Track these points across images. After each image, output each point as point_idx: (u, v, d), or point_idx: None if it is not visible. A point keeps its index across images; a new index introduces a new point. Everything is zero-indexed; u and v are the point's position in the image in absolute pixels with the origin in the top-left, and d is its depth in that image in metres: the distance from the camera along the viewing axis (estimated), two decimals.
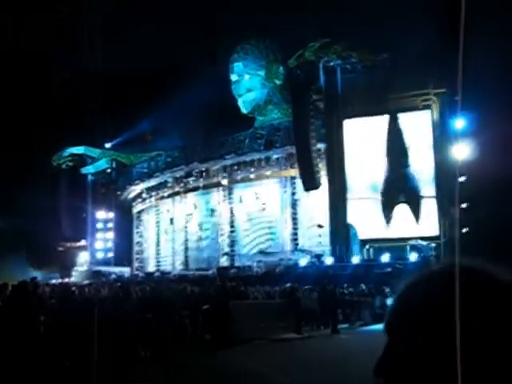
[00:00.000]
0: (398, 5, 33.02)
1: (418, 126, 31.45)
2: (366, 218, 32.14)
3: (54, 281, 36.18)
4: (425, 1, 31.41)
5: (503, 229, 24.38)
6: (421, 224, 31.07)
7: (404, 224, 31.00)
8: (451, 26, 28.62)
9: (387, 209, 31.15)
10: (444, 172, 30.33)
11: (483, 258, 0.95)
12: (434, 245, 29.75)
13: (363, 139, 32.18)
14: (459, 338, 0.79)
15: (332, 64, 33.42)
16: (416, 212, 30.47)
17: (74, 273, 41.98)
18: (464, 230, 28.91)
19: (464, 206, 30.21)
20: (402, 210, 31.12)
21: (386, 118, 31.82)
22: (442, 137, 30.92)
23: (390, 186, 30.75)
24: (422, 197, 30.54)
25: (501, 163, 25.43)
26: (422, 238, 30.35)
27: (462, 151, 30.53)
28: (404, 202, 30.74)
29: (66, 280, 38.97)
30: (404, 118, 31.59)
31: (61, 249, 46.51)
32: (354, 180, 32.61)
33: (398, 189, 30.59)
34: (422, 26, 28.87)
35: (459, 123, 30.62)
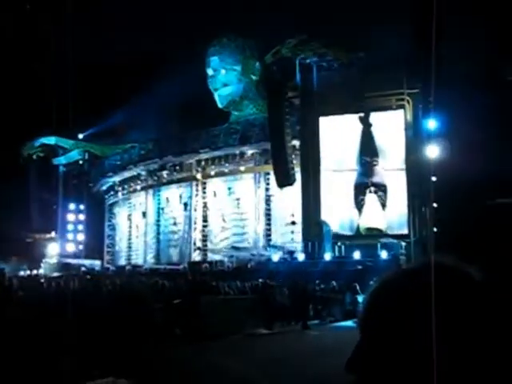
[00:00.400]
0: (374, 4, 33.33)
1: (391, 125, 31.79)
2: (339, 215, 32.42)
3: (22, 273, 35.68)
4: (400, 2, 31.68)
5: (471, 229, 24.81)
6: (392, 223, 31.46)
7: (374, 219, 31.45)
8: (424, 28, 28.99)
9: (358, 197, 31.58)
10: (415, 172, 30.76)
11: (453, 256, 0.97)
12: (404, 243, 30.15)
13: (338, 136, 32.45)
14: (435, 334, 0.80)
15: (308, 61, 33.52)
16: (383, 200, 30.94)
17: (42, 265, 41.39)
18: (434, 230, 29.37)
19: (435, 205, 30.72)
20: (371, 204, 31.53)
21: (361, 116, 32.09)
22: (414, 137, 31.32)
23: (360, 179, 31.25)
24: (386, 189, 31.03)
25: (471, 164, 25.85)
26: (393, 237, 30.74)
27: (433, 152, 31.05)
28: (372, 192, 31.22)
29: (35, 272, 38.45)
30: (377, 117, 31.87)
31: (30, 240, 45.80)
32: (329, 176, 32.80)
33: (367, 183, 31.10)
34: (398, 26, 29.14)
35: (431, 124, 31.09)
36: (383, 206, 31.29)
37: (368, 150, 31.18)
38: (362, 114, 31.51)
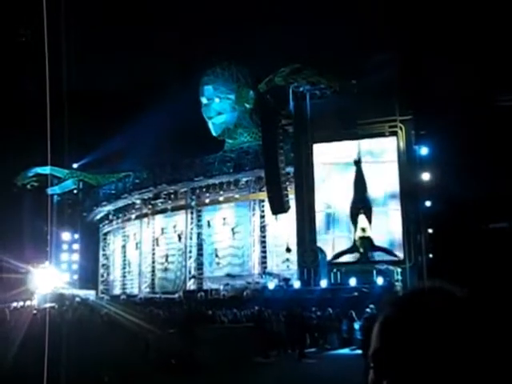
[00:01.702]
0: (365, 33, 33.88)
1: (384, 152, 32.04)
2: (335, 243, 32.42)
3: (15, 304, 35.21)
4: (392, 32, 32.24)
5: (466, 254, 24.84)
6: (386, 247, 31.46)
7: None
8: (414, 57, 29.48)
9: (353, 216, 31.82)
10: (409, 198, 30.88)
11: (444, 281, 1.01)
12: (400, 269, 30.07)
13: (332, 163, 32.70)
14: (432, 356, 0.86)
15: (301, 89, 33.87)
16: (369, 218, 31.02)
17: (36, 295, 40.92)
18: (430, 256, 29.40)
19: (430, 231, 30.83)
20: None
21: (354, 143, 32.30)
22: (407, 163, 31.52)
23: (354, 205, 31.54)
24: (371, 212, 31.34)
25: (463, 189, 26.01)
26: (389, 263, 30.67)
27: (426, 177, 31.27)
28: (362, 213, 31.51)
29: (28, 303, 37.97)
30: (370, 144, 32.10)
31: (23, 270, 45.41)
32: (322, 203, 32.88)
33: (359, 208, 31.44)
34: (389, 53, 29.56)
35: (424, 150, 31.37)
36: (370, 222, 31.56)
37: (360, 194, 31.51)
38: (356, 158, 31.95)
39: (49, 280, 42.30)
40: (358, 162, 31.93)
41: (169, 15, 44.79)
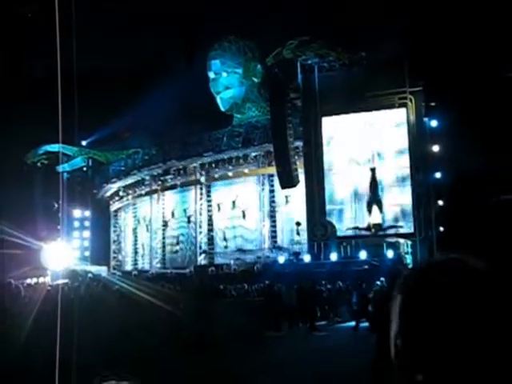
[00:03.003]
0: (374, 4, 33.30)
1: (394, 123, 31.78)
2: (345, 216, 32.43)
3: (28, 280, 35.71)
4: (401, 2, 31.68)
5: (477, 226, 24.73)
6: (398, 222, 31.43)
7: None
8: (425, 30, 28.99)
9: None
10: (419, 170, 30.74)
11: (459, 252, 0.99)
12: (410, 242, 30.08)
13: (341, 137, 32.55)
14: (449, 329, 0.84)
15: (310, 62, 33.52)
16: (381, 208, 31.11)
17: (49, 272, 41.43)
18: (441, 228, 29.33)
19: (440, 203, 30.69)
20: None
21: (363, 115, 32.04)
22: (417, 135, 31.29)
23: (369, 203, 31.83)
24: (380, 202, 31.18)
25: (473, 162, 25.80)
26: (399, 236, 30.68)
27: (436, 149, 31.05)
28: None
29: (42, 279, 38.50)
30: (380, 116, 31.81)
31: (36, 248, 45.88)
32: (333, 178, 32.81)
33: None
34: (399, 25, 29.13)
35: (434, 122, 31.07)
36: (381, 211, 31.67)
37: (375, 195, 31.70)
38: (372, 166, 31.80)
39: (61, 257, 42.68)
40: (373, 169, 31.74)
41: None
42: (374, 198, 31.71)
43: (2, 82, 40.95)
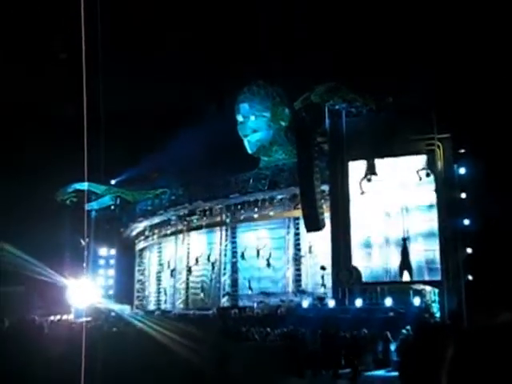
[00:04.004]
0: (402, 50, 33.68)
1: (421, 170, 31.57)
2: (370, 262, 31.98)
3: (52, 317, 35.85)
4: (429, 48, 31.97)
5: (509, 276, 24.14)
6: (424, 269, 30.88)
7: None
8: (453, 77, 29.13)
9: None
10: (447, 217, 30.31)
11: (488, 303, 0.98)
12: (437, 290, 29.47)
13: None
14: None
15: (337, 107, 33.81)
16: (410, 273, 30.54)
17: (72, 309, 41.57)
18: (469, 277, 28.70)
19: (469, 250, 30.12)
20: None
21: (390, 160, 31.94)
22: (445, 182, 31.02)
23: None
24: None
25: (506, 209, 25.41)
26: (426, 283, 30.11)
27: (465, 196, 30.67)
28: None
29: (65, 317, 38.60)
30: (408, 162, 31.64)
31: (61, 285, 46.24)
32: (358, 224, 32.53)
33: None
34: (427, 71, 29.32)
35: (462, 169, 30.79)
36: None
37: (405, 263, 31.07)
38: (405, 236, 31.21)
39: (85, 294, 42.91)
40: (404, 239, 31.23)
41: (203, 37, 45.49)
42: (405, 264, 31.03)
43: (33, 120, 42.22)
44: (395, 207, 31.49)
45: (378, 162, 32.06)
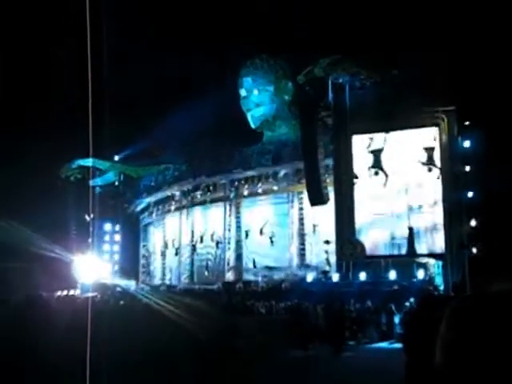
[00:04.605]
0: (408, 22, 33.18)
1: (425, 143, 31.44)
2: (374, 235, 32.05)
3: (59, 293, 36.17)
4: (434, 20, 31.49)
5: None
6: (428, 242, 30.94)
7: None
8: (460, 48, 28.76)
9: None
10: (451, 188, 30.26)
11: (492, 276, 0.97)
12: (440, 263, 29.56)
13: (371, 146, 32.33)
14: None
15: (341, 80, 33.52)
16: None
17: (79, 285, 41.97)
18: (473, 250, 28.73)
19: (473, 223, 30.11)
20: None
21: (394, 134, 31.80)
22: (449, 155, 30.89)
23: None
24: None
25: (508, 181, 25.32)
26: (429, 256, 30.19)
27: (469, 169, 30.55)
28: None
29: (72, 292, 38.95)
30: (411, 135, 31.50)
31: (67, 261, 46.61)
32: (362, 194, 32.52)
33: None
34: (432, 44, 28.95)
35: (467, 142, 30.59)
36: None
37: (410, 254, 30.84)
38: (410, 226, 30.87)
39: (91, 270, 43.29)
40: (411, 228, 30.90)
41: (205, 10, 44.89)
42: (410, 251, 30.89)
43: (37, 96, 42.05)
44: (400, 184, 31.45)
45: (382, 139, 31.93)
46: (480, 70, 28.23)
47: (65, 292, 37.94)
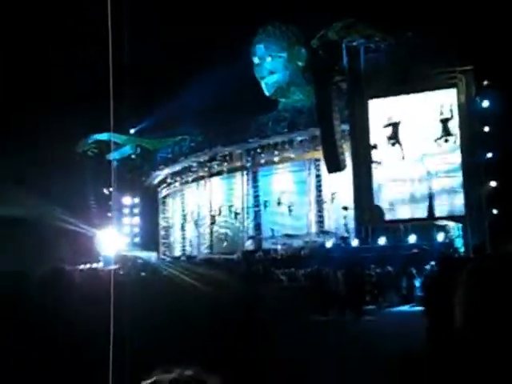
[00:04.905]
0: None
1: (443, 103, 30.91)
2: (392, 198, 31.88)
3: (82, 266, 36.82)
4: None
5: None
6: (447, 204, 30.69)
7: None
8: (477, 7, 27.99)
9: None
10: (470, 150, 29.84)
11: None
12: (460, 225, 29.40)
13: (389, 120, 31.86)
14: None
15: (355, 44, 32.94)
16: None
17: (101, 258, 42.63)
18: (494, 211, 28.45)
19: (493, 184, 29.78)
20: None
21: (410, 97, 31.29)
22: (468, 115, 30.38)
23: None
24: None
25: None
26: (449, 218, 30.02)
27: (488, 129, 30.06)
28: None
29: (95, 265, 39.64)
30: (429, 97, 30.96)
31: (89, 234, 47.27)
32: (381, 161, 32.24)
33: None
34: (447, 3, 28.23)
35: (486, 102, 30.02)
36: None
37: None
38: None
39: (112, 243, 43.88)
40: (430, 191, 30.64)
41: None
42: (430, 214, 30.46)
43: (52, 73, 42.06)
44: (417, 154, 31.05)
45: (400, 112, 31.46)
46: (496, 28, 27.50)
47: (88, 265, 38.61)
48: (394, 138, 31.71)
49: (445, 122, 30.62)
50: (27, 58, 40.22)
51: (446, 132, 30.54)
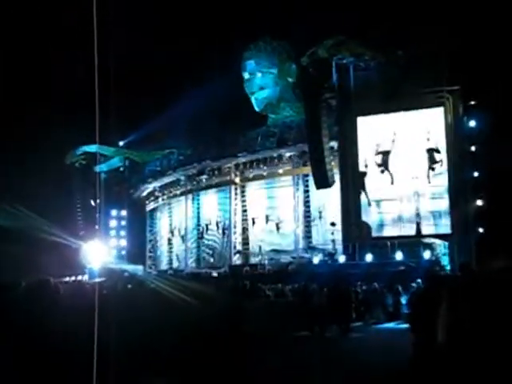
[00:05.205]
0: (412, 3, 32.79)
1: (430, 123, 31.20)
2: (379, 216, 32.00)
3: (67, 278, 36.45)
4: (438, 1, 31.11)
5: None
6: (434, 222, 30.86)
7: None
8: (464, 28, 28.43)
9: None
10: (457, 169, 30.10)
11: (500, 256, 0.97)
12: (447, 243, 29.55)
13: (377, 137, 32.05)
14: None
15: (345, 61, 33.25)
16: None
17: (87, 270, 42.24)
18: (480, 230, 28.65)
19: (479, 203, 30.01)
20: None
21: (399, 115, 31.55)
22: (455, 134, 30.68)
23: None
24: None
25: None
26: (435, 236, 30.16)
27: (475, 149, 30.36)
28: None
29: (80, 277, 39.25)
30: (417, 116, 31.25)
31: (75, 246, 46.88)
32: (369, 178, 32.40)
33: None
34: (436, 23, 28.65)
35: (472, 122, 30.36)
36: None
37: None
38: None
39: (98, 255, 43.52)
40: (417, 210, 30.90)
41: None
42: (417, 232, 30.74)
43: (40, 85, 41.96)
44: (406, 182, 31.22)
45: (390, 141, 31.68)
46: (484, 50, 27.93)
47: (73, 278, 38.24)
48: (384, 166, 31.88)
49: (431, 152, 30.85)
50: (15, 70, 40.08)
51: (432, 161, 30.80)
